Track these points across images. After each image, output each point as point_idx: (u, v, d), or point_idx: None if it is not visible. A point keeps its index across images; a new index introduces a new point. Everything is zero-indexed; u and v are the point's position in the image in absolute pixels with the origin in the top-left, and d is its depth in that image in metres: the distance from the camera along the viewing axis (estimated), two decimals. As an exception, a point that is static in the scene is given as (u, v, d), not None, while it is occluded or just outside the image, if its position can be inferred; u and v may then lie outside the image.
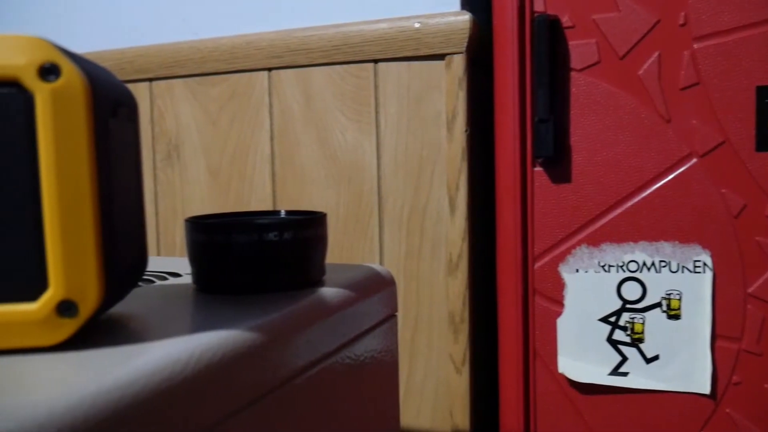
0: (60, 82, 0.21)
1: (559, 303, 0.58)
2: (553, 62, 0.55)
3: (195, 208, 0.72)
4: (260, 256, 0.32)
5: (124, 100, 0.26)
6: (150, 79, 0.72)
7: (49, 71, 0.21)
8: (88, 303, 0.22)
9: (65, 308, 0.22)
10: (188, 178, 0.71)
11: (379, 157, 0.63)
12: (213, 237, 0.31)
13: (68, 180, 0.22)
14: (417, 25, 0.60)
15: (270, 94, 0.67)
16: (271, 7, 0.69)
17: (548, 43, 0.54)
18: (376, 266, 0.41)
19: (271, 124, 0.68)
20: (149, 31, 0.74)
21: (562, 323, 0.58)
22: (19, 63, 0.21)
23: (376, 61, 0.63)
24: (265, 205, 0.68)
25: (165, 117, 0.72)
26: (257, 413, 0.27)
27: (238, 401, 0.25)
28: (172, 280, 0.38)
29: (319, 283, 0.35)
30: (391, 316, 0.41)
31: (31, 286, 0.22)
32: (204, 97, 0.70)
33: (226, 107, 0.69)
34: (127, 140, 0.26)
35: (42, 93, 0.21)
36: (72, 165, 0.22)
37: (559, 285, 0.58)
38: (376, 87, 0.63)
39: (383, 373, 0.40)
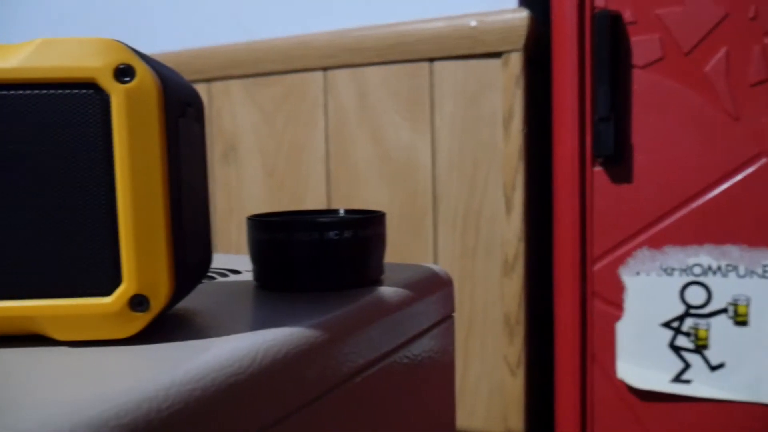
0: (134, 83, 0.22)
1: (619, 306, 0.56)
2: (614, 59, 0.54)
3: (250, 207, 0.73)
4: (321, 255, 0.32)
5: (191, 101, 0.27)
6: (208, 80, 0.74)
7: (124, 73, 0.22)
8: (159, 298, 0.23)
9: (137, 303, 0.23)
10: (244, 177, 0.73)
11: (433, 157, 0.63)
12: (275, 235, 0.32)
13: (142, 178, 0.22)
14: (473, 23, 0.60)
15: (325, 94, 0.68)
16: (326, 7, 0.69)
17: (610, 39, 0.53)
18: (434, 266, 0.40)
19: (326, 124, 0.68)
20: (206, 33, 0.76)
21: (621, 327, 0.56)
22: (96, 65, 0.22)
23: (431, 60, 0.63)
24: (319, 204, 0.69)
25: (222, 117, 0.73)
26: (319, 411, 0.27)
27: (300, 398, 0.25)
28: (232, 277, 0.38)
29: (377, 282, 0.35)
30: (449, 317, 0.41)
31: (106, 281, 0.23)
32: (260, 98, 0.71)
33: (281, 107, 0.70)
34: (194, 140, 0.27)
35: (117, 94, 0.22)
36: (145, 164, 0.22)
37: (619, 288, 0.56)
38: (431, 86, 0.63)
39: (440, 374, 0.40)
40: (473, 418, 0.64)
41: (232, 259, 0.46)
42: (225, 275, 0.39)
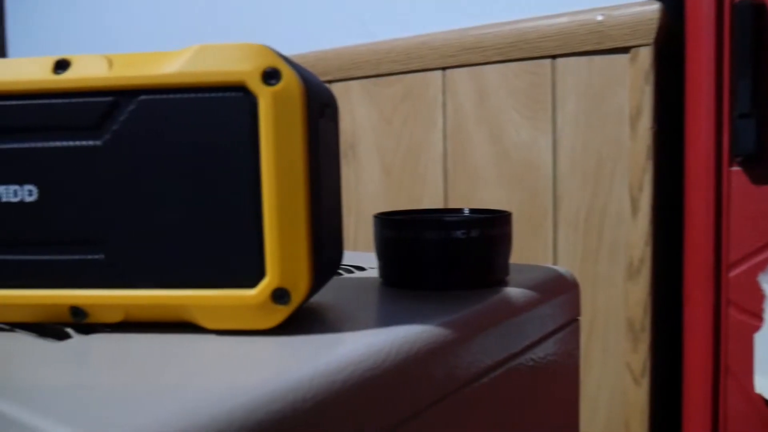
0: (280, 85, 0.23)
1: (757, 316, 0.52)
2: (756, 52, 0.50)
3: (367, 205, 0.74)
4: (447, 254, 0.32)
5: (329, 101, 0.27)
6: (329, 81, 0.76)
7: (271, 76, 0.23)
8: (299, 292, 0.24)
9: (279, 296, 0.24)
10: (363, 175, 0.74)
11: (555, 156, 0.62)
12: (402, 233, 0.32)
13: (286, 177, 0.23)
14: (600, 18, 0.58)
15: (444, 93, 0.68)
16: (446, 6, 0.69)
17: (752, 31, 0.49)
18: (559, 268, 0.40)
19: (444, 123, 0.68)
20: (330, 35, 0.78)
21: (760, 338, 0.52)
22: (246, 69, 0.23)
23: (554, 57, 0.61)
24: (436, 204, 0.69)
25: (342, 117, 0.75)
26: (446, 410, 0.27)
27: (429, 397, 0.26)
28: (357, 273, 0.39)
29: (502, 282, 0.35)
30: (574, 320, 0.40)
31: (251, 274, 0.24)
32: (379, 98, 0.72)
33: (400, 107, 0.71)
34: (331, 139, 0.28)
35: (265, 96, 0.23)
36: (289, 163, 0.23)
37: (758, 296, 0.52)
38: (553, 83, 0.61)
39: (564, 379, 0.39)
40: (592, 425, 0.62)
41: (355, 255, 0.47)
42: (350, 272, 0.40)
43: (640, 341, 0.58)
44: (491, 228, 0.33)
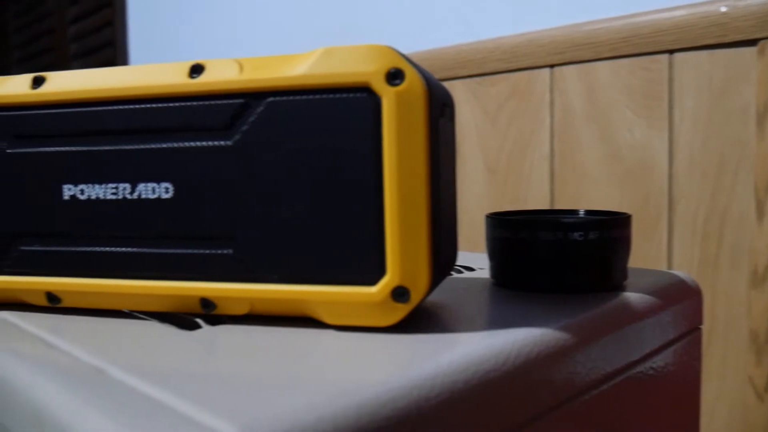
0: (404, 85, 0.23)
1: None
2: None
3: (471, 205, 0.74)
4: (564, 256, 0.31)
5: (447, 101, 0.27)
6: (432, 81, 0.76)
7: (394, 76, 0.23)
8: (419, 290, 0.24)
9: (399, 294, 0.24)
10: (466, 175, 0.74)
11: (671, 155, 0.59)
12: (518, 234, 0.32)
13: (408, 176, 0.23)
14: (723, 9, 0.54)
15: (551, 91, 0.66)
16: (554, 3, 0.68)
17: None
18: (681, 273, 0.38)
19: (551, 122, 0.67)
20: (435, 35, 0.78)
21: None
22: (370, 70, 0.23)
23: (671, 52, 0.58)
24: (543, 204, 0.67)
25: (446, 117, 0.75)
26: (564, 417, 0.26)
27: (549, 402, 0.25)
28: (467, 274, 0.39)
29: (620, 287, 0.33)
30: (696, 329, 0.38)
31: (372, 272, 0.24)
32: (484, 97, 0.72)
33: (505, 106, 0.70)
34: (449, 139, 0.28)
35: (388, 96, 0.23)
36: (411, 162, 0.23)
37: None
38: (670, 79, 0.58)
39: (685, 390, 0.37)
40: (708, 441, 0.58)
41: (461, 255, 0.47)
42: (460, 271, 0.40)
43: (765, 354, 0.54)
44: (610, 230, 0.32)
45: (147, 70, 0.26)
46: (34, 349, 0.24)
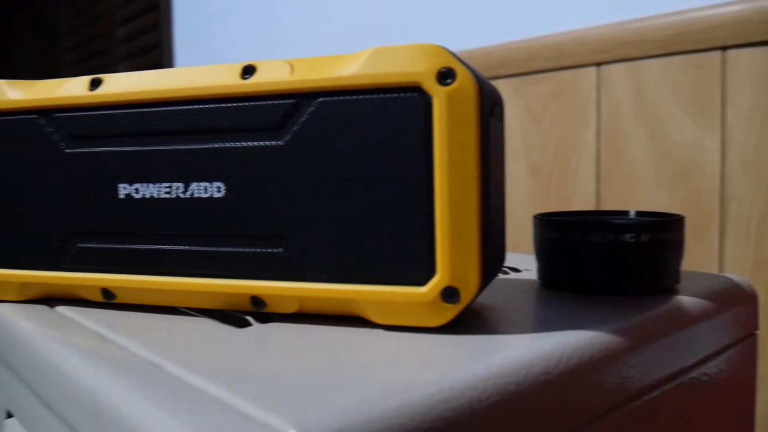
0: (455, 85, 0.23)
1: None
2: None
3: (515, 206, 0.73)
4: (615, 258, 0.31)
5: (497, 100, 0.27)
6: (475, 81, 0.75)
7: (446, 76, 0.23)
8: (469, 291, 0.24)
9: (449, 294, 0.24)
10: (509, 175, 0.73)
11: (723, 154, 0.57)
12: (567, 235, 0.31)
13: (458, 176, 0.23)
14: (780, 4, 0.52)
15: (597, 90, 0.65)
16: (600, 0, 0.67)
17: None
18: (736, 277, 0.37)
19: (598, 121, 0.66)
20: (476, 33, 0.77)
21: None
22: (421, 69, 0.23)
23: (723, 49, 0.57)
24: (588, 205, 0.66)
25: (489, 116, 0.74)
26: (616, 422, 0.26)
27: (601, 406, 0.25)
28: (513, 275, 0.39)
29: (672, 290, 0.33)
30: (752, 335, 0.37)
31: (422, 272, 0.24)
32: (528, 96, 0.71)
33: (549, 105, 0.69)
34: (499, 138, 0.27)
35: (439, 96, 0.23)
36: (462, 162, 0.23)
37: None
38: (723, 77, 0.57)
39: (740, 398, 0.36)
40: (761, 450, 0.57)
41: (507, 256, 0.46)
42: (506, 273, 0.39)
43: (822, 361, 0.52)
44: (663, 232, 0.31)
45: (200, 71, 0.27)
46: (92, 344, 0.24)
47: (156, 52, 1.37)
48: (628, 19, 0.63)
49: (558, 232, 0.32)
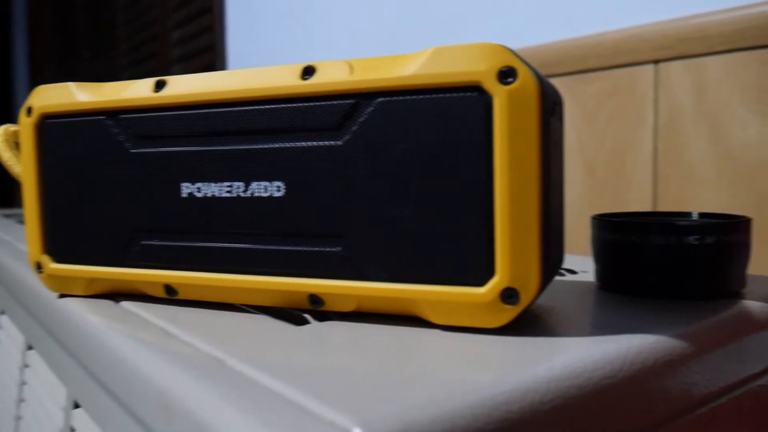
0: (516, 84, 0.23)
1: None
2: None
3: (568, 206, 0.72)
4: (678, 260, 0.30)
5: (557, 99, 0.27)
6: (528, 79, 0.74)
7: (506, 75, 0.23)
8: (528, 293, 0.24)
9: (508, 295, 0.24)
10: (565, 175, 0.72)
11: (789, 155, 0.55)
12: (628, 236, 0.31)
13: (519, 176, 0.23)
14: None
15: (655, 88, 0.64)
16: (660, -5, 0.65)
17: None
18: (805, 281, 0.35)
19: (655, 120, 0.64)
20: (530, 31, 0.77)
21: None
22: (481, 69, 0.23)
23: (791, 44, 0.54)
24: (644, 206, 0.65)
25: (542, 115, 0.73)
26: (679, 430, 0.25)
27: (664, 413, 0.24)
28: (569, 277, 0.38)
29: (738, 294, 0.32)
30: (822, 342, 0.35)
31: (481, 272, 0.24)
32: (582, 95, 0.69)
33: (604, 104, 0.68)
34: (558, 138, 0.27)
35: (500, 95, 0.23)
36: (523, 162, 0.23)
37: None
38: (790, 74, 0.55)
39: (809, 406, 0.35)
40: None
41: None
42: (561, 274, 0.39)
43: None
44: (729, 234, 0.30)
45: (261, 72, 0.27)
46: (157, 339, 0.25)
47: (209, 55, 1.40)
48: (690, 15, 0.61)
49: (618, 233, 0.31)
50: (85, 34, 2.16)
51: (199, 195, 0.29)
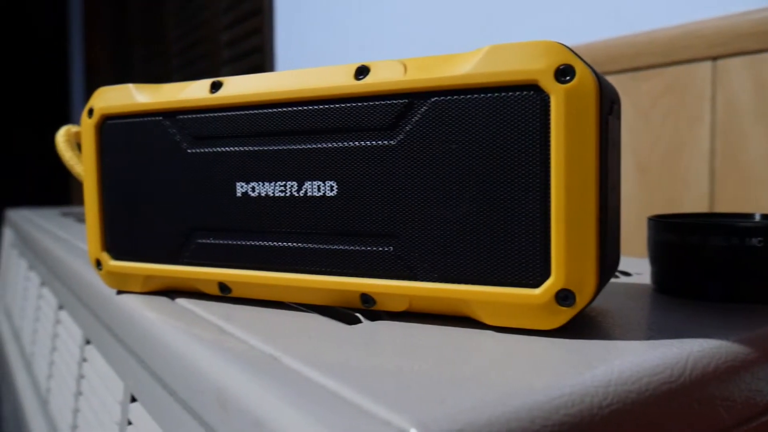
0: (574, 82, 0.23)
1: None
2: None
3: (621, 206, 0.70)
4: (740, 263, 0.29)
5: (615, 98, 0.26)
6: (578, 78, 0.73)
7: (564, 73, 0.23)
8: (585, 295, 0.23)
9: (564, 297, 0.23)
10: (613, 175, 0.70)
11: None
12: (687, 238, 0.30)
13: (576, 176, 0.23)
14: None
15: (713, 86, 0.62)
16: (718, -10, 0.63)
17: None
18: None
19: (712, 119, 0.62)
20: (581, 29, 0.75)
21: None
22: (538, 67, 0.23)
23: None
24: (700, 207, 0.63)
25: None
26: (742, 436, 0.24)
27: (726, 421, 0.23)
28: (623, 279, 0.37)
29: (804, 299, 0.30)
30: None
31: (535, 273, 0.24)
32: (635, 93, 0.68)
33: (658, 102, 0.66)
34: (616, 138, 0.26)
35: (557, 93, 0.23)
36: (580, 161, 0.23)
37: None
38: None
39: None
40: None
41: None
42: (616, 276, 0.38)
43: None
44: (795, 236, 0.29)
45: (315, 73, 0.28)
46: (213, 335, 0.26)
47: (258, 56, 1.42)
48: (750, 9, 0.59)
49: (677, 234, 0.30)
50: (138, 37, 2.22)
51: (253, 194, 0.29)
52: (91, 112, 0.33)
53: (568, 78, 0.23)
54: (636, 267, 0.42)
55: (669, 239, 0.31)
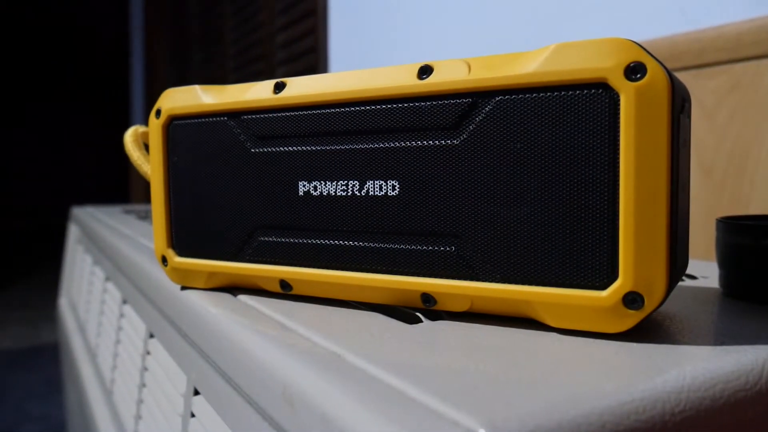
0: (645, 80, 0.22)
1: None
2: None
3: (680, 208, 0.68)
4: (818, 268, 0.28)
5: (686, 96, 0.25)
6: (639, 76, 0.71)
7: (635, 70, 0.22)
8: (653, 298, 0.23)
9: (631, 300, 0.23)
10: (675, 176, 0.68)
11: None
12: (760, 241, 0.29)
13: (646, 176, 0.22)
14: None
15: (783, 83, 0.59)
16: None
17: None
18: None
19: (783, 117, 0.59)
20: (644, 25, 0.73)
21: None
22: (608, 64, 0.22)
23: None
24: (767, 209, 0.60)
25: (654, 113, 0.70)
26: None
27: (804, 429, 0.22)
28: (689, 282, 0.36)
29: None
30: None
31: (602, 275, 0.23)
32: (700, 90, 0.66)
33: (725, 100, 0.64)
34: (687, 137, 0.26)
35: (627, 92, 0.22)
36: (651, 161, 0.22)
37: None
38: None
39: None
40: None
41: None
42: (682, 280, 0.37)
43: None
44: None
45: (377, 72, 0.28)
46: (276, 331, 0.26)
47: (312, 56, 1.44)
48: (823, 3, 0.56)
49: (749, 237, 0.29)
50: (196, 39, 2.28)
51: (315, 193, 0.29)
52: (158, 112, 0.34)
53: (638, 76, 0.22)
54: (702, 270, 0.41)
55: (741, 242, 0.30)
